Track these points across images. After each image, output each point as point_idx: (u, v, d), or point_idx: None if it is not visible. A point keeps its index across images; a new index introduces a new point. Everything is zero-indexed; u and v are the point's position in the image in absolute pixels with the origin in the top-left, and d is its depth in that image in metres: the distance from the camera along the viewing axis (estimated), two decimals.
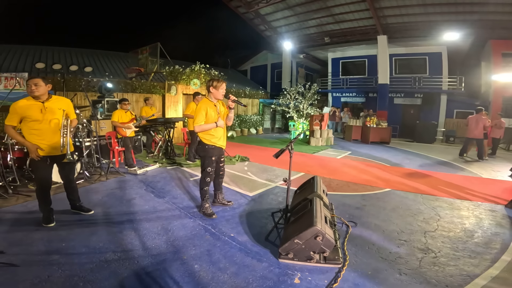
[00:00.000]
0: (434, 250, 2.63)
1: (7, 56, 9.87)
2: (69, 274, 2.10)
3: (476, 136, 7.68)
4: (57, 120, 2.93)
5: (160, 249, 2.54)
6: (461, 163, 7.31)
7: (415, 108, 14.45)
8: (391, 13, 12.39)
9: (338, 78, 16.87)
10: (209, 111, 3.20)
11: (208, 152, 3.26)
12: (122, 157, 5.89)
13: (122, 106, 5.62)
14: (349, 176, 5.47)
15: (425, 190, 4.66)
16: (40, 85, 2.81)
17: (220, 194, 3.72)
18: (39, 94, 2.82)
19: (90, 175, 4.92)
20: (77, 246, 2.55)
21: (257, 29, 16.66)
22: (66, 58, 11.57)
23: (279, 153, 2.78)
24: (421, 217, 3.49)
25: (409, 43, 13.67)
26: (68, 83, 7.74)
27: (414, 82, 14.11)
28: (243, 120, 13.45)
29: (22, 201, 3.68)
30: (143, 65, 10.42)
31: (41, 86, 2.82)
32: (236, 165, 6.21)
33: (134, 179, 4.91)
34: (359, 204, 3.89)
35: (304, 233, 2.24)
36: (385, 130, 11.01)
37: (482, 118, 7.64)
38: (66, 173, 3.20)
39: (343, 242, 2.72)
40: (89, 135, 5.45)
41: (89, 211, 3.34)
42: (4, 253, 2.33)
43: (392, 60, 14.54)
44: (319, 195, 2.88)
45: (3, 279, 2.00)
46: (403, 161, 7.29)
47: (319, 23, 14.67)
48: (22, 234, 2.73)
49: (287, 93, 11.61)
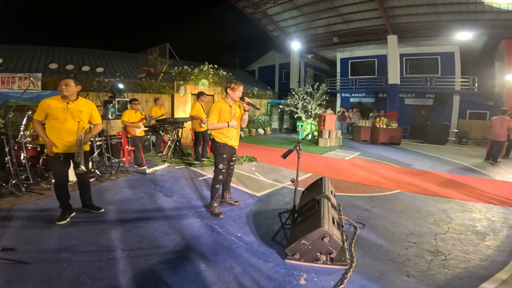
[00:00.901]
0: (444, 253, 2.58)
1: (21, 57, 10.15)
2: (78, 272, 2.14)
3: (500, 138, 7.34)
4: (76, 122, 3.04)
5: (168, 248, 2.57)
6: (473, 165, 7.13)
7: (427, 108, 14.18)
8: (401, 13, 12.20)
9: (347, 78, 16.71)
10: (223, 111, 3.29)
11: (219, 150, 3.33)
12: (132, 156, 5.98)
13: (132, 106, 5.71)
14: (357, 177, 5.41)
15: (436, 191, 4.57)
16: (70, 86, 2.97)
17: (227, 194, 3.74)
18: (68, 94, 2.97)
19: (101, 173, 5.01)
20: (87, 244, 2.60)
21: (265, 29, 16.66)
22: (78, 58, 11.83)
23: (287, 153, 2.78)
24: (432, 219, 3.43)
25: (420, 42, 13.42)
26: (80, 83, 7.90)
27: (426, 82, 13.84)
28: (251, 120, 13.47)
29: (34, 199, 3.77)
30: (152, 66, 10.57)
31: (71, 86, 2.98)
32: (244, 165, 6.23)
33: (143, 178, 4.99)
34: (367, 206, 3.85)
35: (311, 234, 2.23)
36: (395, 130, 10.84)
37: (506, 119, 7.32)
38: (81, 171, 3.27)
39: (351, 244, 2.70)
40: (100, 134, 5.55)
41: (100, 210, 3.41)
42: (15, 250, 2.39)
43: (403, 60, 14.31)
44: (327, 196, 2.86)
45: (13, 276, 2.04)
46: (414, 162, 7.16)
47: (327, 23, 14.56)
48: (33, 232, 2.80)
49: (295, 93, 11.57)
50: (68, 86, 2.95)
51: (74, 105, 3.04)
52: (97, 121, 3.29)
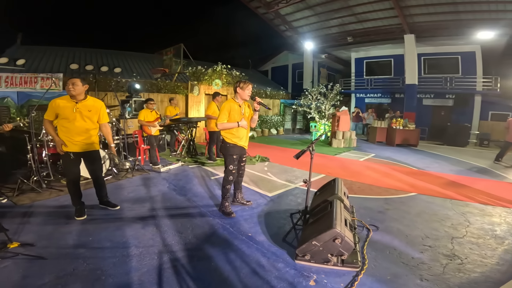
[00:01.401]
0: (461, 257, 2.51)
1: (43, 57, 10.57)
2: (92, 268, 2.20)
3: None
4: (84, 120, 3.10)
5: (179, 245, 2.61)
6: (496, 168, 6.83)
7: (446, 109, 13.70)
8: (418, 12, 11.83)
9: (362, 79, 16.40)
10: (232, 111, 3.28)
11: (229, 150, 3.33)
12: (147, 155, 6.12)
13: (148, 105, 5.84)
14: (372, 179, 5.30)
15: (455, 195, 4.41)
16: (77, 85, 3.01)
17: (239, 194, 3.75)
18: (75, 94, 3.02)
19: (117, 171, 5.16)
20: (103, 240, 2.68)
21: (278, 30, 16.59)
22: (97, 59, 12.20)
23: (300, 154, 2.76)
24: (449, 222, 3.32)
25: (439, 42, 12.98)
26: (99, 83, 8.18)
27: (445, 83, 13.38)
28: (264, 121, 13.47)
29: (55, 195, 3.92)
30: (167, 66, 10.76)
31: (78, 86, 3.02)
32: (256, 165, 6.24)
33: (157, 177, 5.09)
34: (381, 208, 3.76)
35: (323, 235, 2.21)
36: (413, 132, 10.53)
37: None
38: (93, 169, 3.36)
39: (363, 246, 2.65)
40: (118, 133, 5.72)
41: (115, 207, 3.51)
42: (34, 246, 2.48)
43: (421, 60, 13.89)
44: (340, 197, 2.82)
45: (30, 272, 2.12)
46: (431, 165, 6.94)
47: (341, 22, 14.33)
48: (52, 228, 2.90)
49: (308, 93, 11.47)
50: (75, 86, 2.99)
51: (82, 104, 3.08)
52: (104, 121, 3.32)
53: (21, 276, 2.06)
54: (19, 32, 11.59)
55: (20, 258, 2.26)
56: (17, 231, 2.78)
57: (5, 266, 2.16)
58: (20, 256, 2.27)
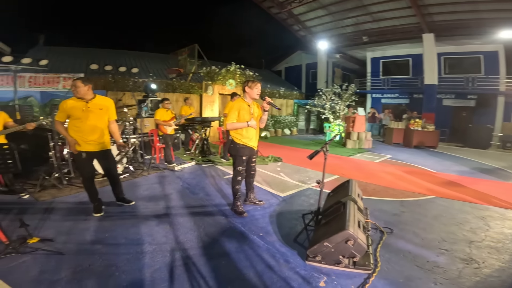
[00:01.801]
0: (478, 261, 2.43)
1: (64, 58, 11.01)
2: (107, 264, 2.26)
3: None
4: (95, 119, 3.15)
5: (191, 243, 2.65)
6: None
7: (468, 110, 13.18)
8: (437, 11, 11.45)
9: (378, 78, 16.05)
10: (242, 110, 3.26)
11: (238, 151, 3.31)
12: (162, 154, 6.25)
13: (164, 105, 5.96)
14: (387, 181, 5.18)
15: (474, 198, 4.24)
16: (79, 87, 3.01)
17: (251, 193, 3.76)
18: (80, 95, 3.05)
19: (134, 169, 5.30)
20: (118, 236, 2.75)
21: (291, 29, 16.48)
22: (116, 59, 12.57)
23: (313, 154, 2.73)
24: (468, 226, 3.21)
25: (460, 41, 12.49)
26: (117, 83, 8.42)
27: (467, 83, 12.87)
28: (277, 121, 13.44)
29: (74, 192, 4.07)
30: (182, 66, 10.95)
31: (79, 87, 3.01)
32: (269, 165, 6.23)
33: (172, 175, 5.19)
34: (397, 211, 3.67)
35: (335, 237, 2.18)
36: (432, 133, 10.20)
37: None
38: (108, 167, 3.45)
39: (376, 248, 2.60)
40: (135, 132, 5.87)
41: (130, 202, 3.61)
42: (53, 241, 2.58)
43: (441, 59, 13.40)
44: (353, 199, 2.78)
45: (48, 267, 2.19)
46: (451, 167, 6.70)
47: (356, 22, 14.06)
48: (71, 224, 3.00)
49: (322, 93, 11.34)
50: (77, 88, 3.01)
51: (93, 103, 3.11)
52: (113, 118, 3.36)
53: (38, 271, 2.13)
54: (41, 33, 12.13)
55: (39, 253, 2.34)
56: (37, 226, 2.90)
57: (24, 261, 2.24)
58: (39, 251, 2.35)
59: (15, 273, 2.08)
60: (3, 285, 1.93)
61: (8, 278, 2.01)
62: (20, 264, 2.20)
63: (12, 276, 2.03)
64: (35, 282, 2.00)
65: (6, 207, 3.38)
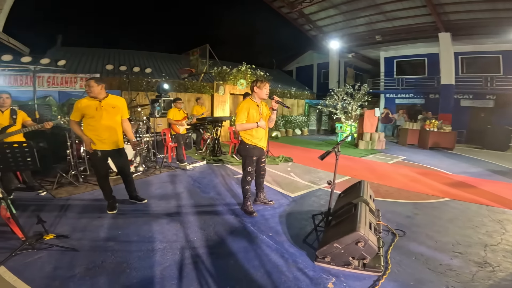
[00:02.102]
0: (492, 264, 2.36)
1: (81, 58, 11.34)
2: (119, 261, 2.31)
3: None
4: (109, 118, 3.22)
5: (201, 242, 2.68)
6: None
7: (486, 111, 12.71)
8: (453, 10, 11.12)
9: (392, 78, 15.70)
10: (251, 111, 3.26)
11: (249, 152, 3.31)
12: (174, 153, 6.34)
13: (176, 105, 6.05)
14: (400, 183, 5.07)
15: (492, 201, 4.10)
16: (92, 86, 3.09)
17: (261, 193, 3.76)
18: (93, 95, 3.12)
19: (147, 168, 5.40)
20: (130, 234, 2.81)
21: (302, 29, 16.35)
22: (130, 60, 12.87)
23: (325, 155, 2.71)
24: (484, 229, 3.11)
25: (478, 40, 12.06)
26: (131, 83, 8.61)
27: (485, 83, 12.41)
28: (288, 121, 13.37)
29: (90, 189, 4.19)
30: (194, 66, 11.06)
31: (93, 87, 3.09)
32: (280, 166, 6.22)
33: (183, 174, 5.25)
34: (410, 213, 3.59)
35: (345, 238, 2.15)
36: (448, 135, 9.89)
37: None
38: (121, 166, 3.53)
39: (387, 250, 2.56)
40: (148, 131, 5.99)
41: (143, 200, 3.68)
42: (69, 238, 2.65)
43: (458, 59, 12.97)
44: (365, 200, 2.73)
45: (62, 263, 2.25)
46: (468, 170, 6.49)
47: (368, 21, 13.82)
48: (86, 221, 3.08)
49: (334, 93, 11.21)
50: (91, 87, 3.08)
51: (106, 102, 3.18)
52: (126, 116, 3.42)
53: (53, 267, 2.19)
54: (59, 34, 12.54)
55: (54, 250, 2.41)
56: (53, 223, 2.99)
57: (40, 257, 2.31)
58: (54, 248, 2.42)
59: (30, 269, 2.15)
60: (17, 281, 1.99)
61: (24, 274, 2.07)
62: (36, 260, 2.27)
63: (27, 272, 2.10)
64: (49, 278, 2.05)
65: (24, 203, 3.51)
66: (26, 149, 2.43)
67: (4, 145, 2.41)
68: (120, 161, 3.48)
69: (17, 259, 2.24)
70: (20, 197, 3.74)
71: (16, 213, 2.37)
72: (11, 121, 3.58)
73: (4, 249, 2.36)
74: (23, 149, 2.42)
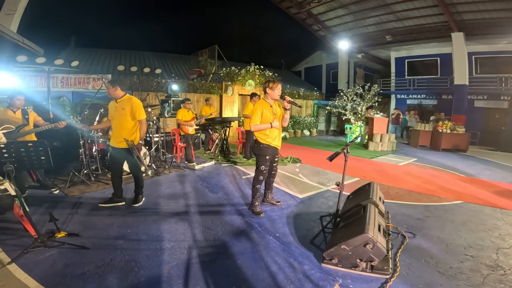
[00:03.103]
0: (504, 268, 2.30)
1: (94, 59, 11.58)
2: (128, 259, 2.35)
3: None
4: (118, 118, 3.41)
5: (208, 242, 2.70)
6: None
7: (501, 112, 12.34)
8: (466, 9, 10.90)
9: (403, 79, 15.44)
10: (265, 111, 3.28)
11: (262, 151, 3.33)
12: (183, 153, 6.40)
13: (185, 105, 6.12)
14: (411, 185, 4.97)
15: (506, 205, 3.98)
16: (108, 88, 3.41)
17: (270, 194, 3.76)
18: (111, 97, 3.44)
19: (156, 167, 5.47)
20: (140, 232, 2.85)
21: (310, 29, 16.26)
22: (140, 60, 13.08)
23: (334, 156, 2.69)
24: (497, 233, 3.03)
25: (492, 40, 11.75)
26: (142, 84, 8.74)
27: (500, 83, 12.07)
28: (297, 121, 13.32)
29: (101, 188, 4.26)
30: (203, 67, 11.15)
31: (108, 88, 3.40)
32: (288, 166, 6.20)
33: (192, 174, 5.30)
34: (421, 215, 3.52)
35: (353, 240, 2.13)
36: (462, 136, 9.63)
37: None
38: (129, 166, 3.70)
39: (396, 253, 2.51)
40: (157, 131, 6.07)
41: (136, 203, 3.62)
42: (80, 236, 2.71)
43: (472, 59, 12.65)
44: (374, 202, 2.70)
45: (73, 261, 2.29)
46: (482, 172, 6.31)
47: (378, 21, 13.65)
48: (97, 219, 3.15)
49: (344, 94, 11.11)
50: (108, 89, 3.41)
51: (119, 103, 3.42)
52: (140, 117, 3.46)
53: (63, 264, 2.23)
54: (72, 35, 12.84)
55: (65, 247, 2.46)
56: (65, 221, 3.06)
57: (51, 255, 2.35)
58: (65, 246, 2.47)
59: (41, 266, 2.20)
60: (28, 278, 2.04)
61: (35, 271, 2.12)
62: (47, 257, 2.32)
63: (38, 269, 2.14)
64: (59, 276, 2.09)
65: (37, 201, 3.60)
66: (40, 148, 2.49)
67: (18, 145, 2.48)
68: (120, 159, 3.60)
69: (29, 257, 2.30)
70: (34, 195, 3.84)
71: (29, 211, 2.42)
72: (24, 121, 3.69)
73: (16, 246, 2.43)
74: (37, 148, 2.49)
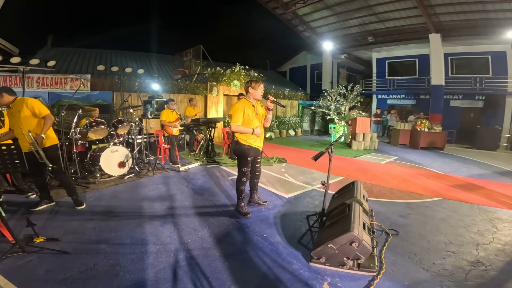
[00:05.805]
0: (485, 263, 2.40)
1: (72, 59, 11.12)
2: (112, 264, 2.27)
3: None
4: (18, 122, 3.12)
5: (195, 244, 2.65)
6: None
7: (476, 111, 12.97)
8: (443, 11, 11.33)
9: (384, 79, 15.91)
10: (247, 111, 3.24)
11: (244, 152, 3.28)
12: (168, 154, 6.28)
13: (169, 106, 6.00)
14: (393, 183, 5.12)
15: (483, 201, 4.18)
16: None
17: (255, 194, 3.74)
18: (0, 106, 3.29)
19: (139, 170, 5.33)
20: (123, 236, 2.77)
21: (296, 30, 16.41)
22: (122, 60, 12.68)
23: (318, 155, 2.71)
24: (475, 229, 3.17)
25: (467, 41, 12.33)
26: (124, 84, 8.50)
27: (475, 83, 12.68)
28: (282, 122, 13.41)
29: (81, 191, 4.08)
30: (187, 67, 11.00)
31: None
32: (274, 167, 6.22)
33: (177, 176, 5.21)
34: (403, 213, 3.63)
35: (339, 238, 2.16)
36: (439, 135, 10.06)
37: None
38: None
39: (381, 250, 2.58)
40: (140, 132, 5.92)
41: (81, 206, 3.52)
42: (59, 241, 2.60)
43: (448, 60, 13.22)
44: (358, 201, 2.76)
45: (54, 266, 2.20)
46: (459, 169, 6.60)
47: (361, 22, 13.97)
48: (77, 223, 3.03)
49: (327, 94, 11.30)
50: None
51: (14, 107, 3.17)
52: (44, 113, 3.22)
53: (44, 270, 2.14)
54: (49, 34, 12.29)
55: (45, 253, 2.36)
56: (44, 226, 2.93)
57: (30, 260, 2.26)
58: (45, 251, 2.37)
59: (21, 272, 2.10)
60: (8, 284, 1.95)
61: (14, 277, 2.03)
62: (26, 263, 2.22)
63: (18, 276, 2.05)
64: (40, 282, 2.01)
65: (13, 206, 3.44)
66: (14, 151, 2.37)
67: None
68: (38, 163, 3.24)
69: (8, 262, 2.19)
70: (10, 200, 3.66)
71: (6, 216, 2.32)
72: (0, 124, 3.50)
73: None
74: (11, 151, 2.36)
